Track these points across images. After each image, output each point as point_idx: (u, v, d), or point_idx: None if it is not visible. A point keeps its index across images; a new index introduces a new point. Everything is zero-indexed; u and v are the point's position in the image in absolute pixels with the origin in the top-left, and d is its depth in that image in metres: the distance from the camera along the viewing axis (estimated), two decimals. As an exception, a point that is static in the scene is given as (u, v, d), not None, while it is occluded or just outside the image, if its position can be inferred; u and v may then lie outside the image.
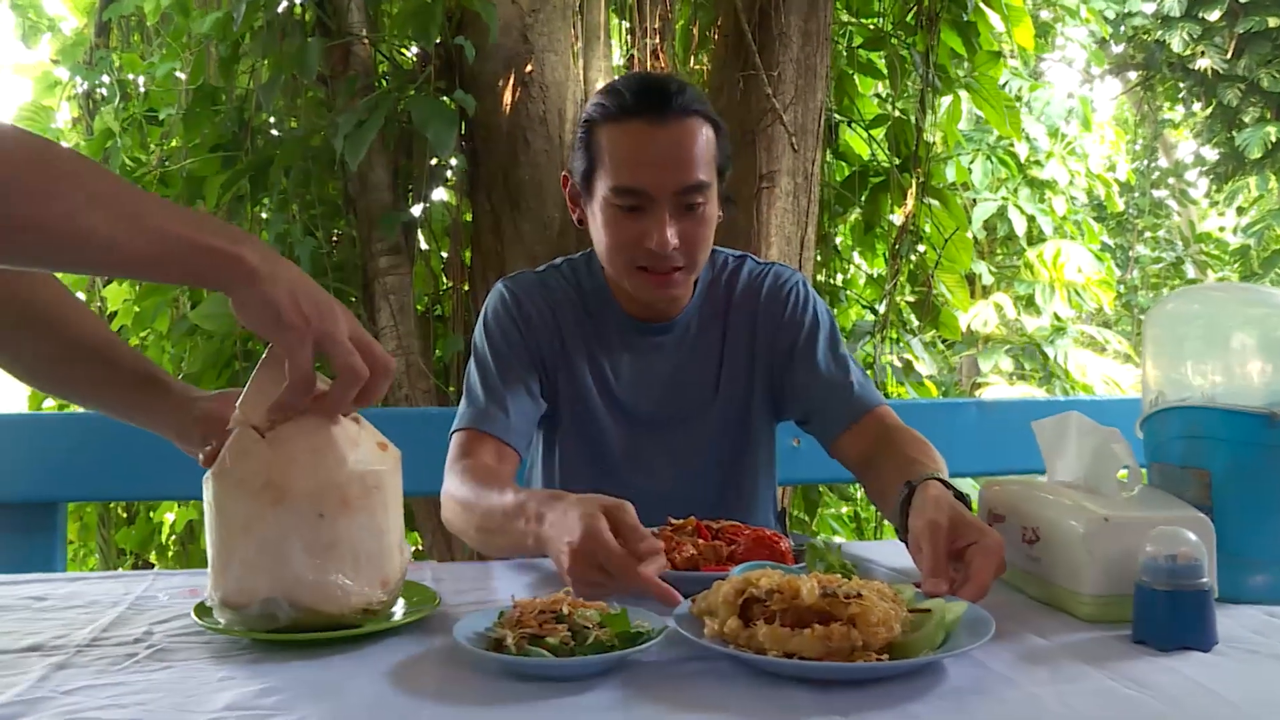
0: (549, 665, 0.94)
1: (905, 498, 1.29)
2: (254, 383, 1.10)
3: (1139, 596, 1.06)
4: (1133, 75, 12.46)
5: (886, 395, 3.91)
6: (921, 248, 3.89)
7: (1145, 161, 13.02)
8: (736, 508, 1.65)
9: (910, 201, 3.69)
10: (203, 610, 1.11)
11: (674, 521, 1.36)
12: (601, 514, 1.15)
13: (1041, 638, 1.08)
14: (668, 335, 1.68)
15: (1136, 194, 12.34)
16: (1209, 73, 10.11)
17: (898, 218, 3.79)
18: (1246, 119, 10.46)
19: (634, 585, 1.10)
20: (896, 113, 3.75)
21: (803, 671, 0.95)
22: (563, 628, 0.97)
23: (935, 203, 3.76)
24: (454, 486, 1.49)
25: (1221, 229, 13.43)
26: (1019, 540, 1.25)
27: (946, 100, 4.07)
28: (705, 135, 1.54)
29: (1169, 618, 1.04)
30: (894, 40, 3.70)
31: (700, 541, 1.29)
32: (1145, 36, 10.82)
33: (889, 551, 1.47)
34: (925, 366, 4.14)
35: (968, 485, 4.17)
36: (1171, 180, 13.05)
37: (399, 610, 1.15)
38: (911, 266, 3.91)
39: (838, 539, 3.74)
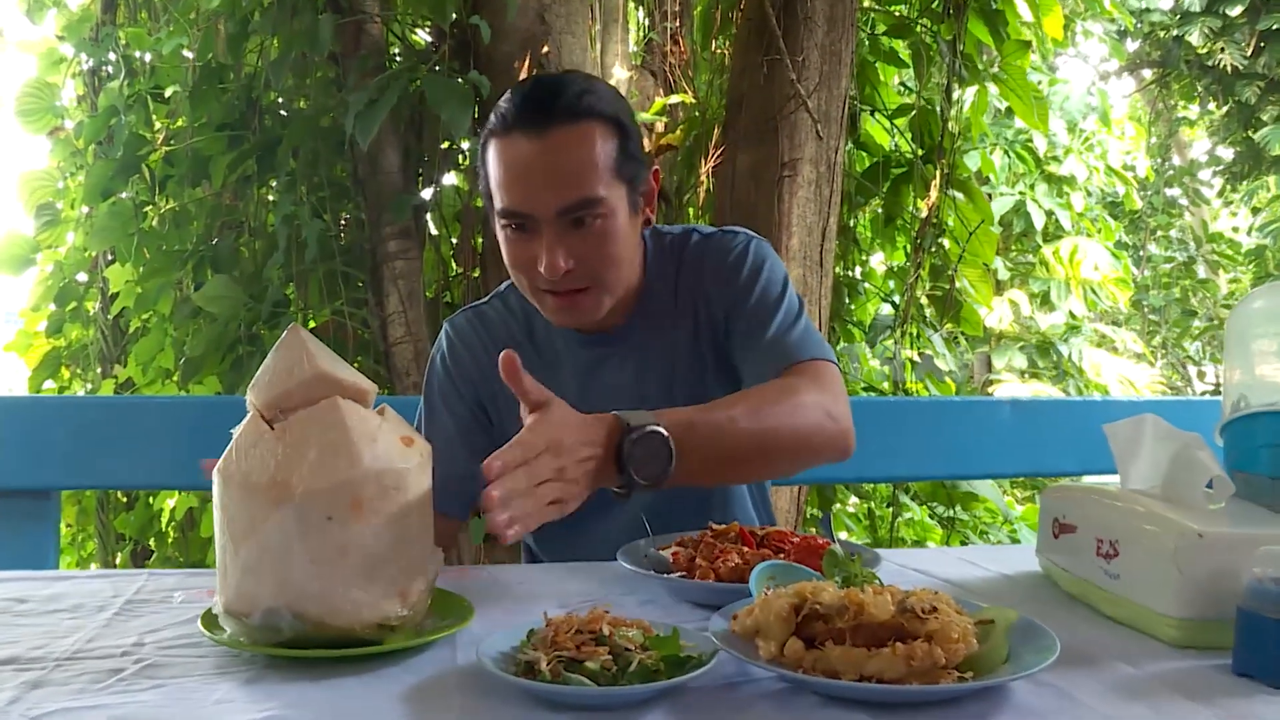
0: (590, 695, 0.83)
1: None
2: (266, 367, 1.00)
3: (1244, 623, 0.94)
4: (1148, 73, 12.31)
5: (905, 392, 3.79)
6: (944, 241, 3.77)
7: (1159, 159, 12.88)
8: (720, 509, 1.52)
9: (933, 193, 3.58)
10: (210, 618, 1.01)
11: (715, 527, 1.26)
12: None
13: (1130, 666, 0.97)
14: (619, 345, 1.52)
15: (1150, 192, 12.20)
16: (1227, 70, 9.96)
17: (919, 210, 3.68)
18: (1265, 117, 10.31)
19: None
20: (921, 102, 3.63)
21: (887, 696, 0.84)
22: (603, 650, 0.86)
23: (959, 195, 3.65)
24: None
25: (1235, 229, 13.28)
26: (1093, 553, 1.14)
27: (970, 90, 3.96)
28: (599, 142, 1.36)
29: (1281, 649, 0.92)
30: (919, 28, 3.58)
31: (745, 550, 1.18)
32: (1163, 34, 10.67)
33: (932, 559, 1.37)
34: (945, 363, 4.03)
35: (988, 488, 4.05)
36: (1185, 179, 12.90)
37: (427, 624, 1.03)
38: (934, 260, 3.80)
39: (880, 551, 3.64)
